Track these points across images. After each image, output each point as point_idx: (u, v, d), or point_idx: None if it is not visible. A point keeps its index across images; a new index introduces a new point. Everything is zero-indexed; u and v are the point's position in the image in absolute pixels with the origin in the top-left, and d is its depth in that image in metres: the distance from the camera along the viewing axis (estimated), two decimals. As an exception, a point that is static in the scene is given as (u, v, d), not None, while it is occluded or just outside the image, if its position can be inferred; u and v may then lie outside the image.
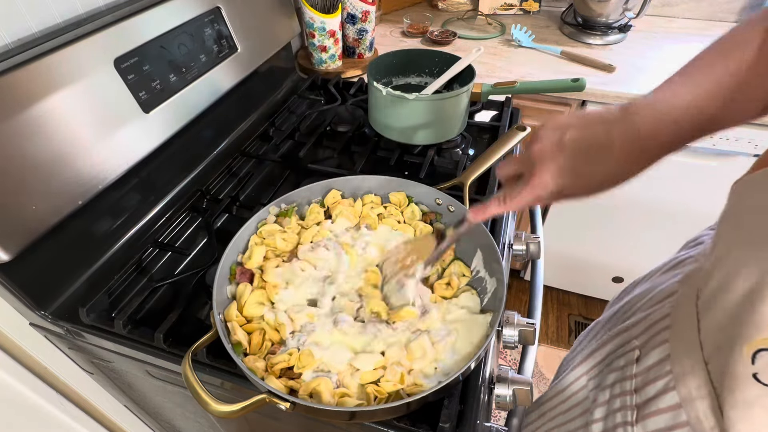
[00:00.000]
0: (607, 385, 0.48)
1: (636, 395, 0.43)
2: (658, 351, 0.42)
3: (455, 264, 0.60)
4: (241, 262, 0.58)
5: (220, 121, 0.88)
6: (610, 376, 0.48)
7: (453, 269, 0.60)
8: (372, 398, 0.46)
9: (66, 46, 0.57)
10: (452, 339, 0.51)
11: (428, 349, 0.49)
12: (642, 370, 0.43)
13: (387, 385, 0.46)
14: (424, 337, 0.50)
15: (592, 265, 1.57)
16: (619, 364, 0.47)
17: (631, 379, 0.44)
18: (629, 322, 0.50)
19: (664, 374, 0.40)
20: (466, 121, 0.87)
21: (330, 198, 0.66)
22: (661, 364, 0.41)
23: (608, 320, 0.57)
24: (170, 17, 0.71)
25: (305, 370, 0.48)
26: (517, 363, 0.68)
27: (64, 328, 0.60)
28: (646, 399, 0.41)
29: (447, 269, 0.60)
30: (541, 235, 0.83)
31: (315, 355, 0.49)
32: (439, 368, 0.49)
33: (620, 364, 0.47)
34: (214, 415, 0.42)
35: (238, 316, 0.52)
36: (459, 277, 0.59)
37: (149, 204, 0.73)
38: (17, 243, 0.51)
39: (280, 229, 0.62)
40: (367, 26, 1.19)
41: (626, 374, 0.45)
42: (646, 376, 0.42)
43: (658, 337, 0.43)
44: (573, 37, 1.35)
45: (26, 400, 0.66)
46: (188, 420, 0.81)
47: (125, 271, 0.62)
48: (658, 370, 0.41)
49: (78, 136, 0.58)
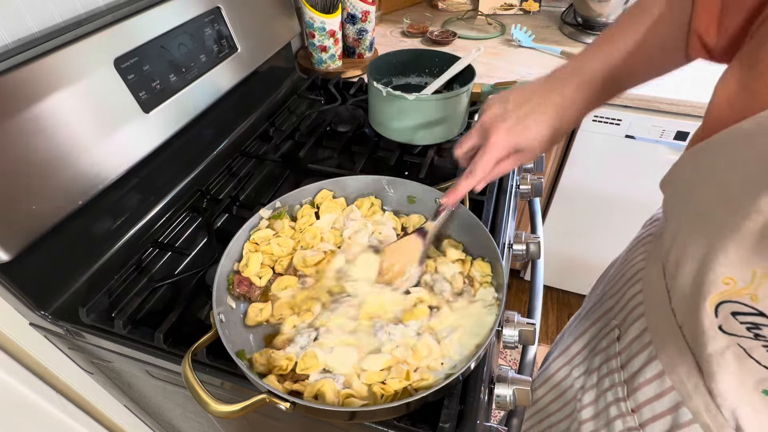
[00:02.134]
0: (594, 368, 0.50)
1: (623, 371, 0.45)
2: (636, 326, 0.45)
3: (476, 264, 0.58)
4: (238, 270, 0.57)
5: (220, 121, 0.88)
6: (595, 359, 0.50)
7: (474, 271, 0.58)
8: (378, 397, 0.46)
9: (66, 46, 0.57)
10: (458, 335, 0.51)
11: (434, 347, 0.50)
12: (624, 346, 0.46)
13: (393, 382, 0.46)
14: (428, 338, 0.50)
15: (592, 265, 1.57)
16: (602, 346, 0.50)
17: (616, 357, 0.47)
18: (605, 306, 0.52)
19: (645, 346, 0.43)
20: (466, 121, 0.87)
21: (319, 197, 0.66)
22: (640, 337, 0.44)
23: (587, 310, 0.59)
24: (170, 17, 0.71)
25: (310, 372, 0.48)
26: (517, 363, 0.68)
27: (64, 328, 0.60)
28: (632, 373, 0.44)
29: (469, 271, 0.58)
30: (541, 235, 0.83)
31: (319, 357, 0.49)
32: (445, 363, 0.49)
33: (603, 345, 0.50)
34: (214, 415, 0.42)
35: None
36: (482, 276, 0.57)
37: (149, 204, 0.73)
38: (17, 243, 0.51)
39: (273, 233, 0.61)
40: (367, 26, 1.19)
41: (610, 354, 0.48)
42: (630, 351, 0.45)
43: (633, 312, 0.46)
44: (573, 37, 1.35)
45: (26, 400, 0.66)
46: (188, 420, 0.81)
47: (125, 271, 0.62)
48: (639, 343, 0.44)
49: (78, 136, 0.58)
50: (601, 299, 0.56)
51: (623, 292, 0.50)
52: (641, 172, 1.27)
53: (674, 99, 1.07)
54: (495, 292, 0.55)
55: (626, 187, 1.32)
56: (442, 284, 0.56)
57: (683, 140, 1.14)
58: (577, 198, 1.41)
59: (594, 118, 1.19)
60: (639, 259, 0.51)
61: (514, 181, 0.82)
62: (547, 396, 0.60)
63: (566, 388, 0.55)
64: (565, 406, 0.55)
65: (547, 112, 0.48)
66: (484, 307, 0.53)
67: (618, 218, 1.40)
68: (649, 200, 1.32)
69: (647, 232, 0.55)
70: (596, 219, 1.43)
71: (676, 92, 1.07)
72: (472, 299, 0.55)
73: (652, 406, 0.41)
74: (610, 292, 0.54)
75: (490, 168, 0.50)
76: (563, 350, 0.59)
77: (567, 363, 0.57)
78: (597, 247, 1.51)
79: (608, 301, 0.53)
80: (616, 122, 1.17)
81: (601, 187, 1.35)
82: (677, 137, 1.14)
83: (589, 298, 0.66)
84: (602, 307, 0.54)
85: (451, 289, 0.56)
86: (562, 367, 0.57)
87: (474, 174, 0.51)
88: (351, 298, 0.55)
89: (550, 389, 0.59)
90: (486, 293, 0.55)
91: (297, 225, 0.64)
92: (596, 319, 0.54)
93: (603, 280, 0.61)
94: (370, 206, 0.66)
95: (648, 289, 0.45)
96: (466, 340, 0.50)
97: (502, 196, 0.74)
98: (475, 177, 0.51)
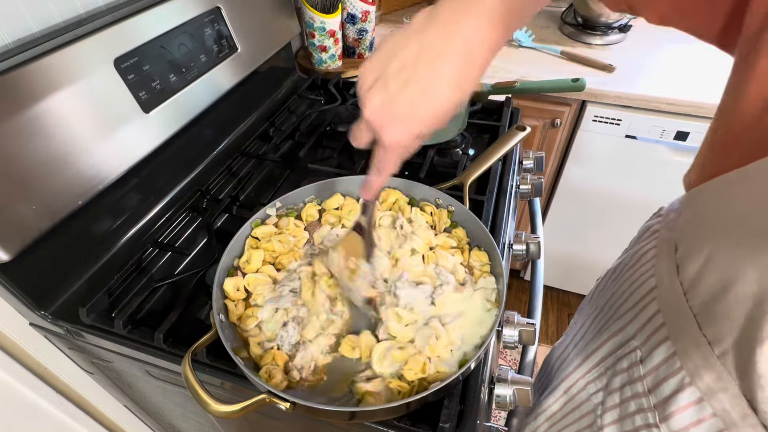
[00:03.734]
0: (615, 388, 0.47)
1: (651, 395, 0.42)
2: (662, 350, 0.42)
3: (474, 254, 0.59)
4: (239, 266, 0.58)
5: (220, 121, 0.88)
6: (616, 380, 0.48)
7: (473, 260, 0.59)
8: (396, 393, 0.46)
9: (66, 46, 0.57)
10: (461, 322, 0.51)
11: (441, 332, 0.50)
12: (650, 370, 0.43)
13: (410, 374, 0.47)
14: (435, 322, 0.51)
15: (592, 265, 1.57)
16: (622, 366, 0.47)
17: (641, 380, 0.44)
18: (619, 323, 0.50)
19: (675, 371, 0.40)
20: (466, 121, 0.87)
21: (333, 201, 0.66)
22: (668, 362, 0.41)
23: (596, 315, 0.57)
24: (170, 17, 0.71)
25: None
26: (517, 363, 0.68)
27: (64, 328, 0.60)
28: (663, 398, 0.40)
29: (468, 260, 0.59)
30: (541, 235, 0.83)
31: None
32: (454, 350, 0.49)
33: (623, 366, 0.47)
34: (214, 415, 0.42)
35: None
36: (481, 266, 0.58)
37: (149, 204, 0.73)
38: (17, 243, 0.51)
39: (276, 231, 0.61)
40: (367, 26, 1.19)
41: (634, 376, 0.45)
42: (656, 375, 0.42)
43: (655, 336, 0.43)
44: (573, 37, 1.35)
45: (26, 400, 0.66)
46: (188, 420, 0.81)
47: (125, 271, 0.62)
48: (668, 368, 0.41)
49: (78, 136, 0.58)
50: (609, 307, 0.54)
51: (638, 310, 0.47)
52: (641, 172, 1.27)
53: (674, 99, 1.07)
54: (495, 282, 0.56)
55: (626, 187, 1.32)
56: (446, 276, 0.56)
57: (683, 140, 1.14)
58: (577, 198, 1.41)
59: (594, 118, 1.19)
60: (648, 275, 0.47)
61: (514, 181, 0.82)
62: (561, 405, 0.58)
63: (582, 401, 0.53)
64: (582, 418, 0.54)
65: (448, 72, 0.36)
66: (485, 298, 0.54)
67: (618, 218, 1.40)
68: (649, 200, 1.33)
69: (649, 245, 0.52)
70: (596, 219, 1.43)
71: (676, 92, 1.07)
72: (474, 287, 0.55)
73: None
74: (624, 308, 0.51)
75: (397, 164, 0.43)
76: (577, 363, 0.56)
77: (582, 377, 0.54)
78: (597, 247, 1.51)
79: (623, 317, 0.50)
80: (616, 122, 1.17)
81: (601, 187, 1.35)
82: (677, 137, 1.14)
83: (591, 302, 0.64)
84: (616, 322, 0.51)
85: (455, 281, 0.56)
86: (577, 380, 0.55)
87: (384, 172, 0.45)
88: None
89: (563, 398, 0.57)
90: (487, 282, 0.56)
91: (303, 224, 0.64)
92: (611, 334, 0.51)
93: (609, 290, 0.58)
94: (395, 201, 0.66)
95: (669, 312, 0.42)
96: (469, 329, 0.51)
97: (502, 196, 0.74)
98: (386, 174, 0.45)
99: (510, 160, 0.82)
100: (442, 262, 0.58)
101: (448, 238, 0.60)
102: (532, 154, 0.93)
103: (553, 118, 1.23)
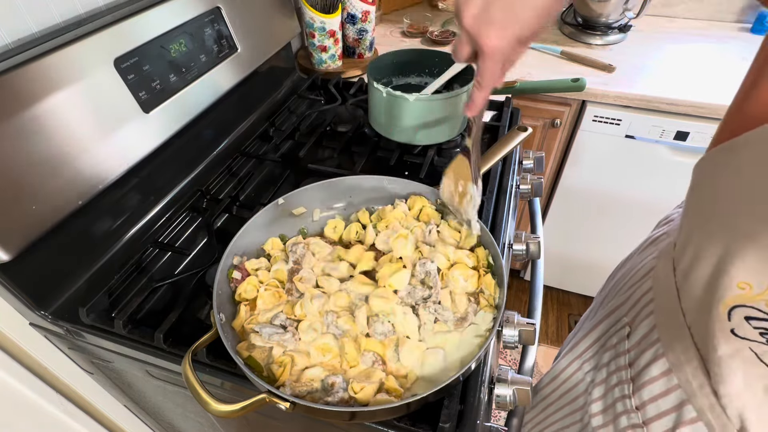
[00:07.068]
0: (603, 363, 0.50)
1: (630, 369, 0.45)
2: (646, 323, 0.45)
3: (485, 281, 0.55)
4: (237, 264, 0.57)
5: (220, 121, 0.88)
6: (605, 356, 0.50)
7: (484, 288, 0.54)
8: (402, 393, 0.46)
9: (66, 46, 0.57)
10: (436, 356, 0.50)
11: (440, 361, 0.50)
12: (633, 344, 0.46)
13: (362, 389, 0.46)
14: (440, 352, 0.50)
15: (592, 265, 1.57)
16: (612, 343, 0.50)
17: (625, 354, 0.47)
18: (616, 302, 0.52)
19: (652, 343, 0.43)
20: (466, 121, 0.87)
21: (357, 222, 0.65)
22: (649, 334, 0.44)
23: (597, 306, 0.59)
24: (170, 17, 0.71)
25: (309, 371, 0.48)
26: (517, 363, 0.68)
27: (64, 328, 0.60)
28: (639, 370, 0.44)
29: (479, 286, 0.55)
30: (541, 235, 0.83)
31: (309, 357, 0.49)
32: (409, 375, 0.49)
33: (613, 342, 0.50)
34: (214, 415, 0.42)
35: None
36: (488, 297, 0.54)
37: (149, 204, 0.73)
38: (17, 243, 0.51)
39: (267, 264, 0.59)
40: (367, 26, 1.19)
41: (620, 351, 0.48)
42: (638, 348, 0.45)
43: (644, 310, 0.46)
44: (573, 37, 1.35)
45: (26, 399, 0.66)
46: (188, 420, 0.81)
47: (125, 271, 0.62)
48: (647, 340, 0.44)
49: (78, 136, 0.58)
50: (611, 294, 0.56)
51: (635, 289, 0.50)
52: (641, 172, 1.27)
53: (674, 99, 1.07)
54: (491, 320, 0.52)
55: (626, 186, 1.32)
56: (445, 313, 0.53)
57: (683, 140, 1.14)
58: (577, 198, 1.41)
59: (594, 118, 1.19)
60: (651, 257, 0.50)
61: (514, 181, 0.82)
62: (556, 391, 0.60)
63: (577, 382, 0.55)
64: (576, 399, 0.56)
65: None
66: (475, 334, 0.51)
67: (618, 218, 1.40)
68: (649, 200, 1.33)
69: (660, 231, 0.54)
70: (596, 219, 1.43)
71: (676, 92, 1.07)
72: (467, 321, 0.52)
73: (657, 404, 0.42)
74: (622, 289, 0.54)
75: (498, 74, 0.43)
76: (573, 345, 0.59)
77: (578, 357, 0.57)
78: (597, 247, 1.51)
79: (620, 297, 0.53)
80: (616, 122, 1.18)
81: (601, 187, 1.35)
82: (677, 137, 1.14)
83: (599, 294, 0.66)
84: (613, 301, 0.54)
85: (453, 317, 0.53)
86: (572, 361, 0.57)
87: (484, 85, 0.44)
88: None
89: (560, 384, 0.59)
90: (483, 319, 0.52)
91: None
92: (607, 314, 0.54)
93: (614, 278, 0.61)
94: (421, 209, 0.64)
95: (657, 286, 0.45)
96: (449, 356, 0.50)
97: (502, 196, 0.74)
98: (487, 87, 0.45)
99: (510, 160, 0.82)
100: (451, 285, 0.54)
101: (467, 258, 0.57)
102: (532, 154, 0.93)
103: (552, 118, 1.23)
